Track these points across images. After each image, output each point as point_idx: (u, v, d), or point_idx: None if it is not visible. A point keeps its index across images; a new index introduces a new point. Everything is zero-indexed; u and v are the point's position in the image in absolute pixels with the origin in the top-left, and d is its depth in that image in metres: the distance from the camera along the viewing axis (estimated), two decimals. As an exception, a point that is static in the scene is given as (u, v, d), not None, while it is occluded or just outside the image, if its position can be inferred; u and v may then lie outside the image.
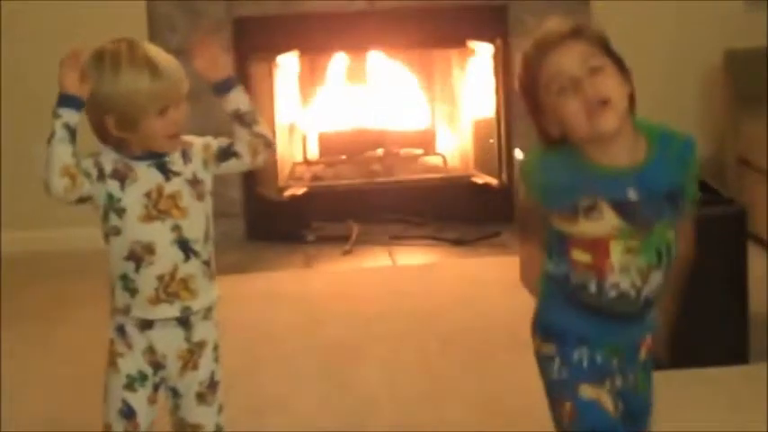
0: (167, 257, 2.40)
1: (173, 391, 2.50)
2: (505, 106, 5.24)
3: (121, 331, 2.45)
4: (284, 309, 4.35)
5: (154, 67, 2.35)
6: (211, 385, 2.50)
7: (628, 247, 2.12)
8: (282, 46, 5.28)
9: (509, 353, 3.69)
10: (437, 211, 5.34)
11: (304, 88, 5.62)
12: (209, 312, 2.48)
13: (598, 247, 2.12)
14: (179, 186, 2.42)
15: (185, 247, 2.42)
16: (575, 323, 2.18)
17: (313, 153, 5.66)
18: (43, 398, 3.62)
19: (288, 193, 5.38)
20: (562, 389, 2.18)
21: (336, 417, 3.42)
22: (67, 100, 2.33)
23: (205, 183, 2.47)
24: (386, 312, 4.26)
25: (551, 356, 2.20)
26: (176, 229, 2.41)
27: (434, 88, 5.71)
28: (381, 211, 5.32)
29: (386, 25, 5.26)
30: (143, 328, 2.44)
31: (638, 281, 2.14)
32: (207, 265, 2.47)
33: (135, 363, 2.45)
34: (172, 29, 5.08)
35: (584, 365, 2.17)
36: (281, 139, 5.36)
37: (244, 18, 5.18)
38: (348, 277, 4.74)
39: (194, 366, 2.48)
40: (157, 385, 2.48)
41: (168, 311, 2.42)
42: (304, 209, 5.33)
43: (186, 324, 2.45)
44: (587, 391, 2.16)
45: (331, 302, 4.42)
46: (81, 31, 4.70)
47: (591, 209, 2.10)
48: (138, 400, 2.45)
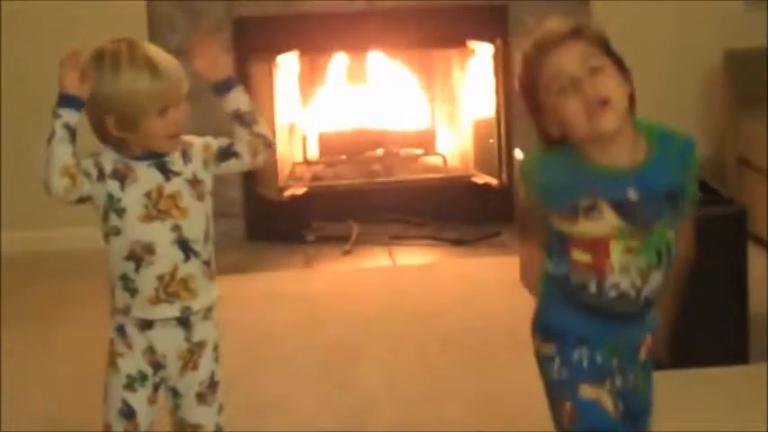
0: (167, 257, 2.40)
1: (173, 391, 2.50)
2: (505, 106, 5.24)
3: (121, 331, 2.45)
4: (284, 309, 4.34)
5: (154, 68, 2.34)
6: (211, 385, 2.50)
7: (628, 247, 2.12)
8: (282, 46, 5.28)
9: (509, 353, 3.69)
10: (437, 211, 5.34)
11: (304, 88, 5.62)
12: (209, 312, 2.48)
13: (598, 246, 2.12)
14: (179, 186, 2.42)
15: (185, 247, 2.42)
16: (575, 323, 2.18)
17: (313, 153, 5.66)
18: (43, 398, 3.62)
19: (288, 193, 5.38)
20: (562, 389, 2.18)
21: (336, 417, 3.42)
22: (67, 100, 2.33)
23: (205, 183, 2.47)
24: (386, 312, 4.26)
25: (551, 356, 2.20)
26: (176, 229, 2.40)
27: (434, 88, 5.71)
28: (381, 211, 5.31)
29: (386, 25, 5.25)
30: (143, 328, 2.44)
31: (639, 281, 2.14)
32: (207, 265, 2.47)
33: (135, 363, 2.45)
34: (172, 29, 5.08)
35: (584, 365, 2.17)
36: (281, 139, 5.35)
37: (244, 18, 5.18)
38: (348, 277, 4.74)
39: (194, 366, 2.48)
40: (157, 385, 2.48)
41: (168, 311, 2.42)
42: (304, 209, 5.33)
43: (186, 324, 2.45)
44: (587, 391, 2.16)
45: (331, 302, 4.42)
46: (81, 31, 4.70)
47: (591, 209, 2.10)
48: (138, 400, 2.45)
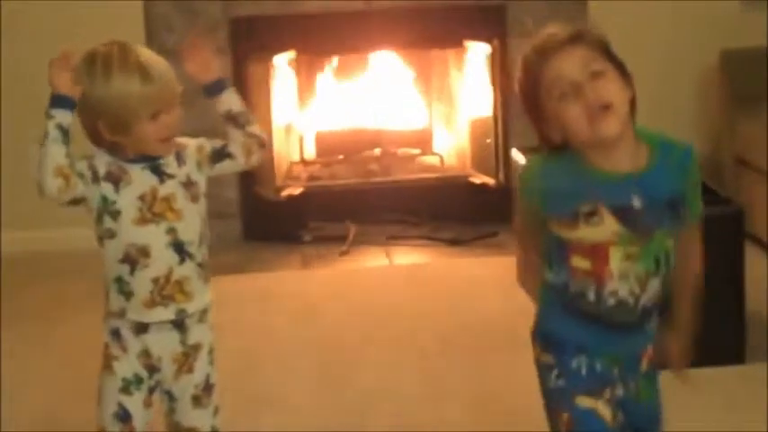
0: (162, 260, 2.39)
1: (168, 395, 2.50)
2: (503, 106, 5.24)
3: (116, 335, 2.45)
4: (281, 309, 4.34)
5: (145, 72, 2.33)
6: (207, 388, 2.50)
7: (627, 253, 2.11)
8: (279, 46, 5.27)
9: (506, 352, 3.69)
10: (434, 210, 5.33)
11: (301, 88, 5.61)
12: (204, 315, 2.48)
13: (597, 253, 2.12)
14: (173, 189, 2.41)
15: (180, 250, 2.41)
16: (574, 332, 2.18)
17: (310, 153, 5.65)
18: (43, 398, 3.62)
19: (285, 193, 5.37)
20: (560, 398, 2.18)
21: (334, 416, 3.42)
22: (60, 100, 2.31)
23: (199, 184, 2.46)
24: (383, 312, 4.26)
25: (550, 365, 2.20)
26: (171, 231, 2.40)
27: (432, 88, 5.71)
28: (378, 211, 5.31)
29: (383, 25, 5.25)
30: (138, 331, 2.43)
31: (637, 288, 2.14)
32: (202, 267, 2.46)
33: (130, 366, 2.45)
34: (169, 29, 5.07)
35: (583, 374, 2.17)
36: (277, 138, 5.36)
37: (241, 18, 5.18)
38: (345, 277, 4.74)
39: (189, 369, 2.47)
40: (153, 388, 2.48)
41: (163, 314, 2.42)
42: (301, 209, 5.32)
43: (181, 327, 2.44)
44: (584, 401, 2.16)
45: (328, 302, 4.42)
46: (78, 31, 4.68)
47: (591, 214, 2.10)
48: (134, 403, 2.45)
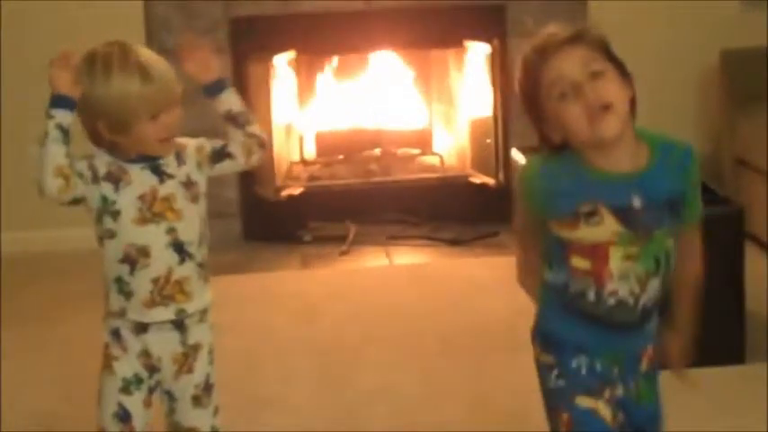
0: (162, 260, 2.39)
1: (168, 395, 2.50)
2: (502, 106, 5.24)
3: (116, 335, 2.45)
4: (281, 309, 4.34)
5: (145, 72, 2.32)
6: (207, 388, 2.50)
7: (627, 253, 2.11)
8: (279, 46, 5.27)
9: (506, 353, 3.69)
10: (434, 210, 5.33)
11: (301, 88, 5.61)
12: (204, 315, 2.47)
13: (597, 253, 2.11)
14: (173, 189, 2.41)
15: (180, 250, 2.40)
16: (573, 332, 2.17)
17: (310, 153, 5.65)
18: (43, 398, 3.62)
19: (285, 193, 5.37)
20: (559, 398, 2.18)
21: (333, 417, 3.42)
22: (60, 100, 2.31)
23: (199, 185, 2.45)
24: (383, 312, 4.26)
25: (550, 365, 2.20)
26: (171, 231, 2.39)
27: (431, 88, 5.71)
28: (378, 211, 5.31)
29: (383, 25, 5.25)
30: (138, 331, 2.43)
31: (637, 288, 2.14)
32: (202, 267, 2.45)
33: (130, 366, 2.44)
34: (169, 29, 5.07)
35: (583, 374, 2.17)
36: (277, 139, 5.35)
37: (241, 18, 5.18)
38: (345, 277, 4.74)
39: (189, 370, 2.47)
40: (152, 389, 2.48)
41: (163, 314, 2.41)
42: (301, 209, 5.32)
43: (181, 327, 2.44)
44: (584, 401, 2.15)
45: (328, 303, 4.41)
46: (78, 31, 4.69)
47: (591, 214, 2.09)
48: (134, 403, 2.44)
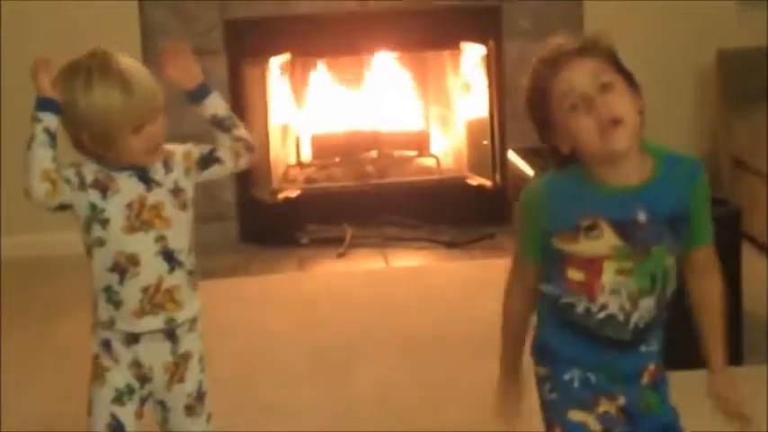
0: (152, 269, 2.37)
1: (161, 405, 2.48)
2: (498, 107, 5.24)
3: (107, 346, 2.42)
4: (278, 312, 4.34)
5: (127, 85, 2.29)
6: (199, 396, 2.48)
7: (621, 268, 2.09)
8: (275, 48, 5.27)
9: (503, 355, 3.68)
10: (431, 212, 5.33)
11: (297, 90, 5.61)
12: (193, 324, 2.45)
13: (592, 266, 2.10)
14: (161, 197, 2.39)
15: (170, 258, 2.38)
16: (567, 344, 2.17)
17: (306, 155, 5.65)
18: (43, 401, 3.61)
19: (281, 195, 5.37)
20: (552, 411, 2.18)
21: (332, 419, 3.41)
22: (46, 103, 2.29)
23: (187, 191, 2.43)
24: (380, 314, 4.25)
25: (544, 378, 2.20)
26: (160, 239, 2.37)
27: (428, 90, 5.71)
28: (375, 214, 5.30)
29: (379, 27, 5.25)
30: (129, 342, 2.40)
31: (628, 305, 2.11)
32: (191, 275, 2.44)
33: (122, 376, 2.42)
34: (164, 32, 5.07)
35: (576, 386, 2.16)
36: (274, 141, 5.35)
37: (236, 20, 5.17)
38: (342, 280, 4.74)
39: (181, 379, 2.45)
40: (144, 399, 2.45)
41: (153, 323, 2.39)
42: (298, 211, 5.32)
43: (172, 337, 2.42)
44: (576, 416, 2.15)
45: (325, 305, 4.41)
46: (78, 32, 4.70)
47: (591, 228, 2.08)
48: (126, 414, 2.42)
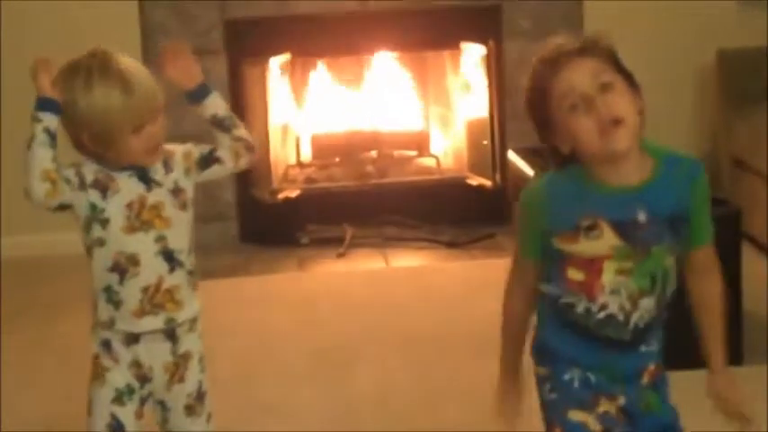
0: (152, 269, 2.37)
1: (161, 405, 2.48)
2: (499, 108, 5.24)
3: (107, 346, 2.41)
4: (278, 312, 4.34)
5: (127, 85, 2.29)
6: (199, 396, 2.48)
7: (621, 268, 2.09)
8: (275, 48, 5.27)
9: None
10: (431, 212, 5.33)
11: (297, 90, 5.61)
12: (193, 324, 2.45)
13: (592, 266, 2.10)
14: (161, 197, 2.39)
15: (170, 258, 2.38)
16: (567, 344, 2.17)
17: (306, 155, 5.65)
18: (43, 401, 3.61)
19: (281, 195, 5.37)
20: (552, 411, 2.18)
21: (331, 419, 3.41)
22: (46, 103, 2.29)
23: (187, 191, 2.43)
24: (380, 314, 4.25)
25: (544, 378, 2.20)
26: (161, 239, 2.37)
27: (428, 90, 5.71)
28: (375, 214, 5.30)
29: (379, 27, 5.25)
30: (129, 342, 2.40)
31: (628, 304, 2.12)
32: (191, 275, 2.43)
33: (123, 376, 2.42)
34: (165, 31, 5.07)
35: (576, 386, 2.16)
36: (274, 141, 5.35)
37: (236, 20, 5.17)
38: (342, 280, 4.73)
39: (181, 379, 2.45)
40: (144, 399, 2.45)
41: (153, 323, 2.39)
42: (298, 211, 5.32)
43: (173, 337, 2.42)
44: (576, 416, 2.15)
45: (325, 305, 4.41)
46: (78, 32, 4.69)
47: (591, 228, 2.08)
48: (127, 414, 2.42)
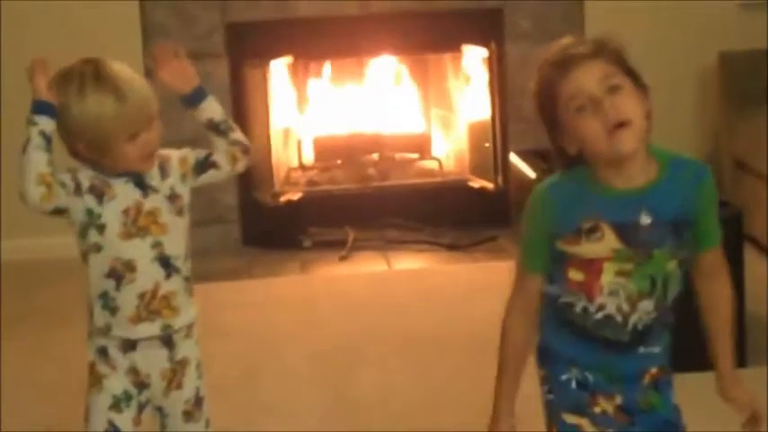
0: (148, 275, 2.36)
1: (159, 411, 2.47)
2: (500, 110, 5.24)
3: (103, 353, 2.41)
4: (281, 314, 4.34)
5: (120, 93, 2.28)
6: (197, 402, 2.48)
7: (620, 269, 2.09)
8: (277, 50, 5.27)
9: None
10: (433, 215, 5.32)
11: (299, 93, 5.61)
12: (190, 330, 2.45)
13: (592, 266, 2.10)
14: (158, 203, 2.38)
15: (167, 264, 2.38)
16: (565, 344, 2.17)
17: (308, 158, 5.65)
18: (43, 405, 3.61)
19: (283, 198, 5.37)
20: (551, 412, 2.19)
21: (333, 422, 3.41)
22: (42, 106, 2.29)
23: (183, 197, 2.42)
24: (382, 317, 4.25)
25: (543, 379, 2.21)
26: (157, 245, 2.36)
27: (430, 92, 5.71)
28: (377, 216, 5.30)
29: (380, 30, 5.25)
30: (126, 349, 2.40)
31: (626, 306, 2.11)
32: (188, 281, 2.43)
33: (120, 383, 2.41)
34: (165, 34, 5.07)
35: (573, 387, 2.16)
36: (276, 144, 5.35)
37: (238, 23, 5.18)
38: (344, 282, 4.74)
39: (178, 385, 2.44)
40: (142, 406, 2.44)
41: (149, 330, 2.38)
42: (300, 214, 5.32)
43: (169, 343, 2.41)
44: (570, 418, 2.16)
45: (327, 307, 4.41)
46: (79, 32, 4.70)
47: (593, 230, 2.08)
48: (124, 420, 2.41)
